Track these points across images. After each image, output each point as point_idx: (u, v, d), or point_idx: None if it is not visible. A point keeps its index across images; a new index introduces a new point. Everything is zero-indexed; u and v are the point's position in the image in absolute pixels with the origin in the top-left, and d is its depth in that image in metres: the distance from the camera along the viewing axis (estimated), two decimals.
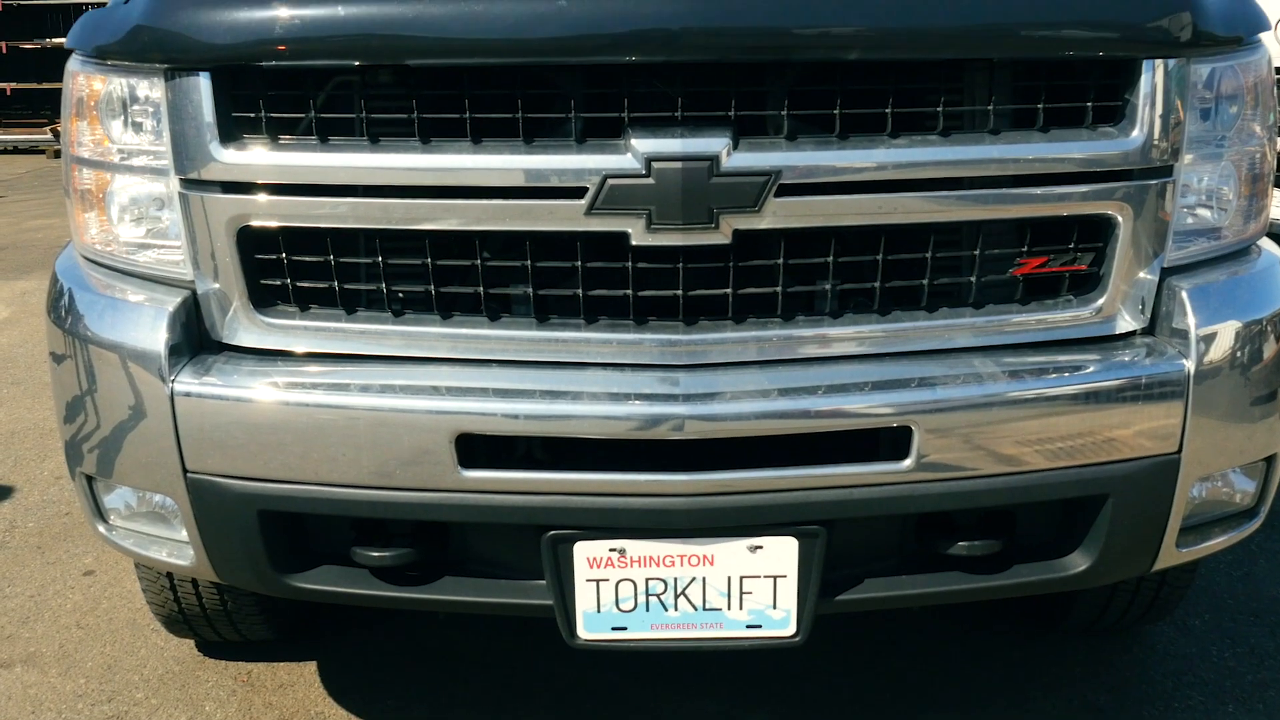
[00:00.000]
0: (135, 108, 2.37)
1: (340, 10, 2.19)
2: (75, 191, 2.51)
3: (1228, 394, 2.40)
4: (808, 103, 2.25)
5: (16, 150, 17.17)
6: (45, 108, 17.45)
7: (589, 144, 2.21)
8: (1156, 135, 2.31)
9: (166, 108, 2.31)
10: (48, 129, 16.59)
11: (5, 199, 12.74)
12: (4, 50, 17.32)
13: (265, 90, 2.27)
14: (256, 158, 2.27)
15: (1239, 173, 2.47)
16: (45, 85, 17.17)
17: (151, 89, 2.33)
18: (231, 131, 2.28)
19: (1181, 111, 2.34)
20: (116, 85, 2.38)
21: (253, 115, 2.28)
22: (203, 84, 2.26)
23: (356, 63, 2.23)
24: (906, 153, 2.25)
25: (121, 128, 2.39)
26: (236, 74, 2.27)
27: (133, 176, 2.41)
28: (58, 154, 14.37)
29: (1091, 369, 2.33)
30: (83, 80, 2.45)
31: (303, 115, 2.28)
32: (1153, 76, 2.30)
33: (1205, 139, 2.41)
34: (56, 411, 2.62)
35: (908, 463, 2.27)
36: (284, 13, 2.20)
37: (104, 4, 2.53)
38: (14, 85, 17.63)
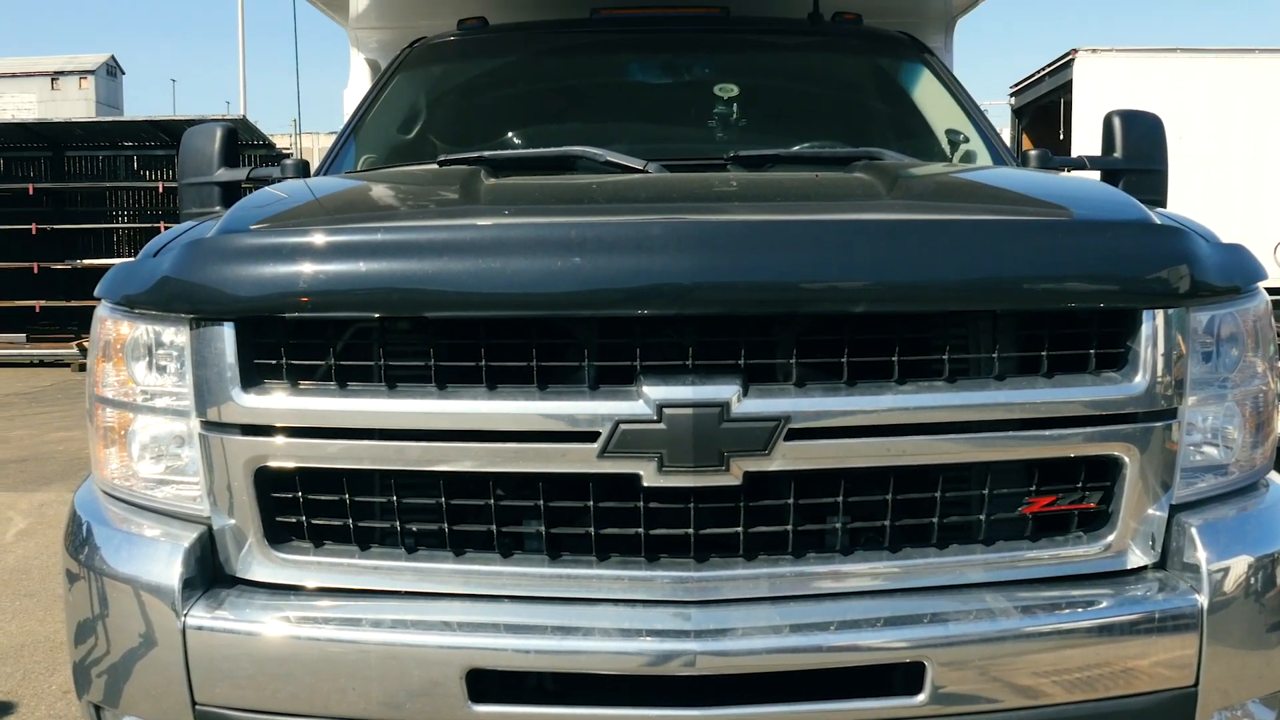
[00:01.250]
0: (160, 352, 2.44)
1: (361, 266, 2.26)
2: (98, 429, 2.57)
3: (1243, 627, 2.38)
4: (816, 351, 2.29)
5: (43, 364, 17.47)
6: (72, 324, 17.90)
7: (601, 390, 2.26)
8: (1159, 379, 2.35)
9: (190, 353, 2.38)
10: (74, 344, 16.93)
11: (29, 411, 12.89)
12: (35, 270, 17.86)
13: (286, 339, 2.33)
14: (276, 402, 2.32)
15: (1243, 410, 2.49)
16: (73, 303, 17.64)
17: (176, 335, 2.40)
18: (252, 377, 2.34)
19: (1183, 355, 2.38)
20: (142, 331, 2.46)
21: (274, 362, 2.34)
22: (226, 333, 2.33)
23: (376, 315, 2.30)
24: (914, 399, 2.28)
25: (145, 370, 2.46)
26: (259, 324, 2.34)
27: (154, 416, 2.46)
28: (83, 367, 14.61)
29: (1104, 604, 2.32)
30: (110, 325, 2.53)
31: (322, 362, 2.34)
32: (1154, 324, 2.35)
33: (1208, 380, 2.44)
34: (68, 638, 2.62)
35: (921, 698, 2.24)
36: (307, 269, 2.28)
37: (125, 235, 2.63)
38: (43, 303, 18.12)
